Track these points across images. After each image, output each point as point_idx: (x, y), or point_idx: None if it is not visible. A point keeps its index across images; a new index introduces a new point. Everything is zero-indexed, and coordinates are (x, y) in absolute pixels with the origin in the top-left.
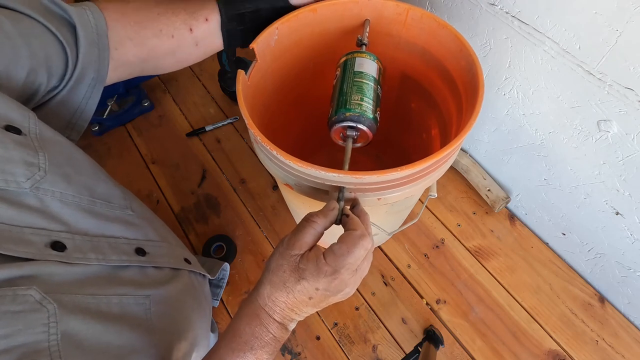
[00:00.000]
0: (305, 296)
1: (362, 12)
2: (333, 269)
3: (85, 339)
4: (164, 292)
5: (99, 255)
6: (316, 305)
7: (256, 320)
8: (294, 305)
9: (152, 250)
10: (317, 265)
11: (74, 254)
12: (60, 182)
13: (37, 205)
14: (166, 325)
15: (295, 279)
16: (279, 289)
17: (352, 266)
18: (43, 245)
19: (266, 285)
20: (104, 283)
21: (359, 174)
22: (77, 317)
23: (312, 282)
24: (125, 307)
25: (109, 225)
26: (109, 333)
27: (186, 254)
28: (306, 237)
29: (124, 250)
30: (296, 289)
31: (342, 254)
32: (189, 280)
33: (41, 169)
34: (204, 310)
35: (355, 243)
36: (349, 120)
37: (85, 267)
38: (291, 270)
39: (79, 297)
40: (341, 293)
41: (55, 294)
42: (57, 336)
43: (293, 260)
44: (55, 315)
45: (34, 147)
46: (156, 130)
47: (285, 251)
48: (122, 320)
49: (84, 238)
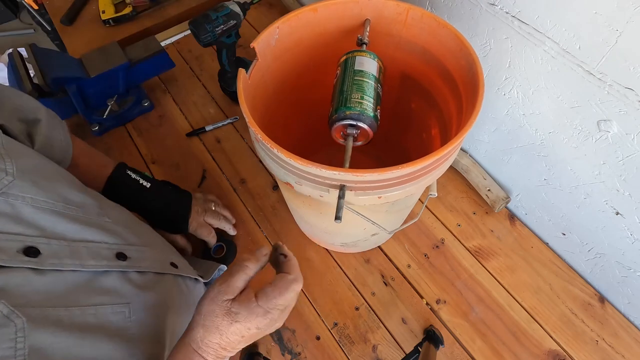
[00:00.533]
0: (238, 336)
1: (362, 12)
2: (265, 310)
3: (55, 353)
4: (147, 298)
5: (75, 261)
6: (248, 341)
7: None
8: (227, 345)
9: (134, 254)
10: (249, 308)
11: (48, 260)
12: (30, 187)
13: (8, 211)
14: (148, 333)
15: (228, 322)
16: (212, 332)
17: (282, 307)
18: (15, 251)
19: (199, 330)
20: (79, 293)
21: (360, 171)
22: (47, 331)
23: (244, 324)
24: (102, 317)
25: (87, 229)
26: (82, 346)
27: (174, 258)
28: (238, 282)
29: (104, 255)
30: (229, 331)
31: (275, 297)
32: (175, 285)
33: (9, 174)
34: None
35: (288, 287)
36: (350, 119)
37: (60, 275)
38: (223, 315)
39: (50, 310)
40: (270, 328)
41: (24, 308)
42: (25, 351)
43: (225, 305)
44: (24, 330)
45: (1, 154)
46: (156, 130)
47: (217, 296)
48: (98, 331)
49: (61, 243)
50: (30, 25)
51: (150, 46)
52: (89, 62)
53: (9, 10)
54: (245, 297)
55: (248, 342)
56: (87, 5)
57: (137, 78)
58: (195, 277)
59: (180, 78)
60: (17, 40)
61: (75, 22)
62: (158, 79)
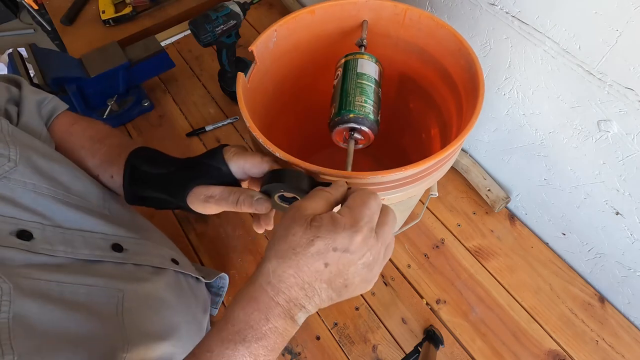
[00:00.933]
0: (321, 262)
1: (360, 13)
2: (352, 221)
3: (40, 323)
4: (142, 289)
5: (67, 249)
6: (331, 283)
7: (253, 305)
8: (306, 281)
9: (131, 247)
10: (333, 219)
11: (40, 245)
12: (33, 174)
13: (7, 194)
14: (140, 321)
15: (308, 239)
16: (287, 259)
17: (371, 221)
18: (7, 232)
19: (271, 259)
20: (72, 272)
21: (364, 174)
22: (34, 301)
23: (328, 240)
24: (94, 297)
25: (86, 218)
26: (70, 319)
27: (176, 255)
28: (320, 203)
29: (99, 245)
30: (309, 253)
31: (357, 205)
32: (175, 281)
33: (11, 160)
34: (194, 315)
35: (368, 194)
36: (353, 122)
37: (52, 257)
38: (303, 231)
39: (41, 283)
40: (364, 269)
41: (13, 277)
42: (9, 315)
43: (305, 221)
44: (10, 295)
45: (6, 141)
46: (156, 130)
47: (297, 213)
48: (88, 310)
49: (56, 230)
50: (30, 25)
51: (150, 46)
52: (89, 62)
53: (9, 10)
54: (328, 212)
55: (331, 285)
56: (87, 5)
57: (137, 78)
58: (197, 277)
59: (180, 78)
60: (17, 40)
61: (75, 22)
62: (158, 79)
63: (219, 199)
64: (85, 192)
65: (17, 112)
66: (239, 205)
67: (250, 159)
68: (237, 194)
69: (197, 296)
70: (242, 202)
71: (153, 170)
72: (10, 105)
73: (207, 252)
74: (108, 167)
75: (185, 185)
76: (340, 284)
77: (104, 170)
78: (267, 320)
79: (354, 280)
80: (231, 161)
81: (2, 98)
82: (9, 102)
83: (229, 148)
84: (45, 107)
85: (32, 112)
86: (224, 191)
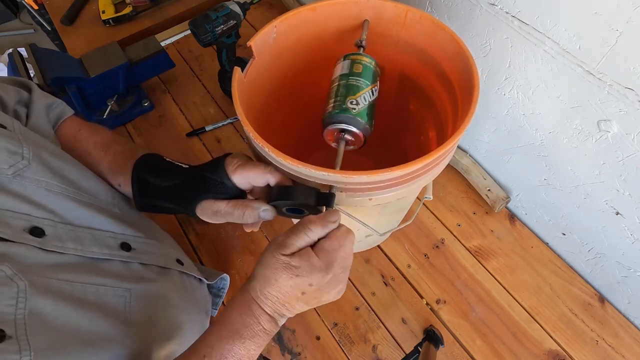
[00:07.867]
0: (298, 291)
1: (361, 13)
2: (326, 264)
3: (54, 320)
4: (148, 288)
5: (77, 246)
6: (308, 303)
7: (248, 311)
8: (286, 301)
9: (138, 246)
10: (310, 262)
11: (52, 242)
12: (45, 172)
13: (21, 192)
14: (147, 321)
15: (288, 276)
16: (271, 285)
17: (344, 261)
18: (21, 229)
19: (259, 280)
20: (81, 272)
21: (349, 173)
22: (47, 298)
23: (305, 278)
24: (102, 296)
25: (96, 217)
26: (80, 317)
27: (180, 255)
28: (299, 242)
29: (108, 243)
30: (289, 285)
31: (334, 249)
32: (180, 281)
33: (25, 159)
34: (197, 314)
35: (345, 237)
36: (343, 123)
37: (63, 255)
38: (283, 269)
39: (53, 281)
40: (334, 290)
41: (27, 274)
42: (25, 311)
43: (284, 259)
44: (25, 292)
45: (19, 139)
46: (156, 130)
47: (277, 251)
48: (97, 309)
49: (67, 227)
50: (30, 25)
51: (150, 46)
52: (89, 62)
53: (9, 10)
54: (305, 252)
55: (307, 305)
56: (87, 5)
57: (137, 78)
58: (200, 278)
59: (180, 78)
60: (17, 40)
61: (75, 22)
62: (158, 79)
63: (224, 214)
64: (95, 190)
65: (26, 113)
66: (244, 219)
67: (253, 171)
68: (241, 209)
69: (199, 297)
70: (248, 216)
71: (159, 182)
72: (19, 106)
73: (207, 252)
74: (115, 176)
75: (194, 198)
76: (314, 302)
77: (111, 178)
78: (258, 323)
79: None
80: (234, 175)
81: (12, 99)
82: (19, 104)
83: (230, 160)
84: (53, 111)
85: (40, 115)
86: (228, 205)
